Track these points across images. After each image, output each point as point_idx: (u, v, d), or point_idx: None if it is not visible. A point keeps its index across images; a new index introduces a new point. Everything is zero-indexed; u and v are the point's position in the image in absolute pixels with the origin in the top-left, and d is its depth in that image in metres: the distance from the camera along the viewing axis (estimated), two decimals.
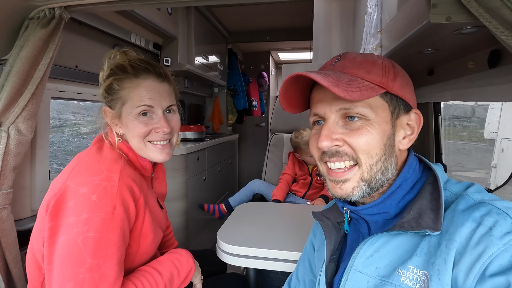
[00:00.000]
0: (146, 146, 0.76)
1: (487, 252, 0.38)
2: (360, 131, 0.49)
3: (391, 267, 0.47)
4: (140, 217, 0.72)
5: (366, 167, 0.49)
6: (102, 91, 0.76)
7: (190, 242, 2.07)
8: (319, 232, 0.68)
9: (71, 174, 0.66)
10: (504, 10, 0.60)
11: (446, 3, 0.65)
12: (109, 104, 0.76)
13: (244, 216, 1.19)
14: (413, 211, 0.47)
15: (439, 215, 0.44)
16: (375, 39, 1.15)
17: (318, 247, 0.66)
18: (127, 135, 0.76)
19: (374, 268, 0.48)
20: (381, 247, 0.49)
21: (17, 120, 0.87)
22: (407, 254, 0.46)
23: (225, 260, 0.94)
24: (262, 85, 4.09)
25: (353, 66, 0.52)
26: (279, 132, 1.93)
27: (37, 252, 0.70)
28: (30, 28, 0.85)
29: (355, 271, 0.50)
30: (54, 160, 1.96)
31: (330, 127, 0.51)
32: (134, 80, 0.74)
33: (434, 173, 0.50)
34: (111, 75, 0.75)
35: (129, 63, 0.75)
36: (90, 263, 0.60)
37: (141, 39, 1.80)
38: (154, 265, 0.75)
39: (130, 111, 0.74)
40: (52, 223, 0.62)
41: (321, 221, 0.61)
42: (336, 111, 0.50)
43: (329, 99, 0.51)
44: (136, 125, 0.74)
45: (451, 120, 6.20)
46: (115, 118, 0.75)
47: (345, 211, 0.57)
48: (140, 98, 0.73)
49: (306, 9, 2.50)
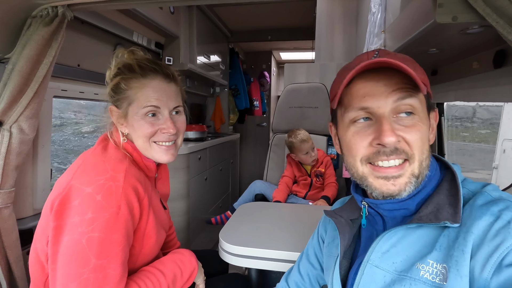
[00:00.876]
0: (151, 147, 0.76)
1: (504, 243, 0.39)
2: (415, 127, 0.48)
3: (408, 262, 0.47)
4: (144, 218, 0.72)
5: (418, 163, 0.49)
6: (109, 90, 0.75)
7: (191, 241, 2.07)
8: (330, 228, 0.68)
9: (76, 173, 0.66)
10: (511, 10, 0.59)
11: (453, 2, 0.64)
12: (115, 104, 0.75)
13: (246, 216, 1.19)
14: (430, 206, 0.48)
15: (458, 209, 0.45)
16: (378, 39, 1.14)
17: (328, 243, 0.66)
18: (133, 135, 0.76)
19: (391, 263, 0.48)
20: (398, 242, 0.49)
21: (20, 119, 0.87)
22: (425, 249, 0.46)
23: (228, 260, 0.93)
24: (264, 84, 4.08)
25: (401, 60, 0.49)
26: (281, 132, 1.92)
27: (41, 252, 0.69)
28: (33, 26, 0.84)
29: (371, 266, 0.50)
30: (55, 159, 1.96)
31: (389, 121, 0.48)
32: (142, 80, 0.73)
33: (452, 171, 0.52)
34: (118, 74, 0.74)
35: (136, 63, 0.74)
36: (94, 263, 0.60)
37: (143, 38, 1.80)
38: (157, 266, 0.75)
39: (137, 111, 0.73)
40: (57, 223, 0.62)
41: (335, 218, 0.61)
42: (392, 102, 0.48)
43: (381, 91, 0.49)
44: (142, 125, 0.73)
45: (452, 120, 6.20)
46: (121, 118, 0.75)
47: (363, 206, 0.57)
48: (147, 98, 0.73)
49: (308, 8, 2.49)
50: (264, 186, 1.80)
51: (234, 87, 3.57)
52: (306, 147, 1.63)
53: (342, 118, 0.54)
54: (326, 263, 0.65)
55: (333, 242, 0.65)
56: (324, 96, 1.81)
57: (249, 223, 1.11)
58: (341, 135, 0.56)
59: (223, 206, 2.84)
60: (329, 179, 1.70)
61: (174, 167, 1.86)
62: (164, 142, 0.77)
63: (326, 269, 0.65)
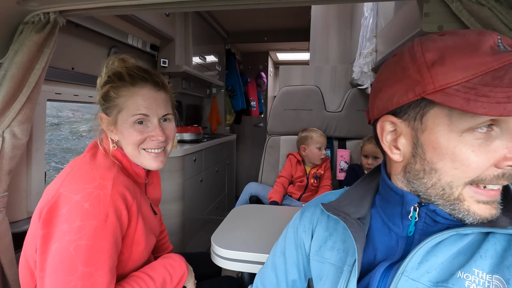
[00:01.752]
0: (140, 154, 0.77)
1: None
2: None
3: (445, 271, 0.41)
4: (133, 224, 0.72)
5: None
6: (99, 98, 0.77)
7: (187, 243, 2.08)
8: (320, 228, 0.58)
9: (65, 181, 0.67)
10: (494, 20, 0.61)
11: (438, 12, 0.66)
12: (105, 111, 0.77)
13: (239, 219, 1.19)
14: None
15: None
16: (370, 43, 1.16)
17: (320, 246, 0.57)
18: (122, 142, 0.77)
19: (425, 273, 0.42)
20: (437, 249, 0.43)
21: (12, 124, 0.87)
22: (463, 256, 0.41)
23: (220, 264, 0.94)
24: (261, 85, 4.09)
25: None
26: (276, 134, 1.93)
27: (30, 258, 0.70)
28: (25, 32, 0.85)
29: (407, 279, 0.43)
30: (53, 159, 1.96)
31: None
32: (131, 89, 0.74)
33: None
34: (108, 82, 0.75)
35: (126, 71, 0.75)
36: (82, 270, 0.61)
37: (138, 40, 1.80)
38: (146, 271, 0.76)
39: (126, 119, 0.74)
40: (45, 231, 0.63)
41: (343, 218, 0.51)
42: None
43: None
44: (131, 133, 0.74)
45: None
46: (110, 125, 0.76)
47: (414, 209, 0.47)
48: (137, 106, 0.74)
49: (304, 10, 2.50)
50: (259, 188, 1.81)
51: (230, 88, 3.58)
52: (323, 141, 1.68)
53: (452, 121, 0.40)
54: (318, 272, 0.57)
55: (325, 245, 0.56)
56: (318, 99, 1.82)
57: (242, 226, 1.12)
58: (441, 146, 0.41)
59: (219, 207, 2.85)
60: (325, 182, 1.71)
61: (168, 170, 1.86)
62: (153, 149, 0.78)
63: (319, 278, 0.56)
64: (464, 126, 0.39)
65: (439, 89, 0.38)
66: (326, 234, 0.57)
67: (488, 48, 0.38)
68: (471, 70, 0.37)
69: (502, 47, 0.38)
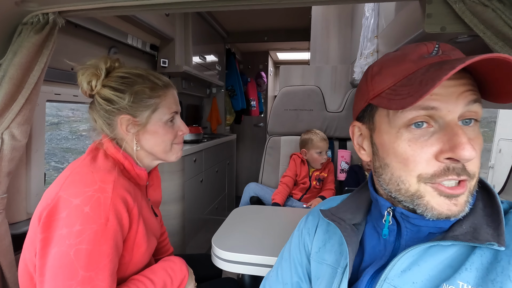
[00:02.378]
0: (172, 148, 0.83)
1: None
2: (479, 140, 0.42)
3: (432, 283, 0.42)
4: (134, 227, 0.72)
5: (475, 181, 0.43)
6: (128, 99, 0.74)
7: (187, 244, 2.08)
8: (321, 232, 0.62)
9: (64, 185, 0.66)
10: (498, 21, 0.60)
11: (441, 13, 0.65)
12: (132, 113, 0.76)
13: (240, 221, 1.19)
14: (465, 226, 0.43)
15: (500, 231, 0.41)
16: (371, 44, 1.15)
17: (319, 248, 0.60)
18: (151, 142, 0.78)
19: (411, 283, 0.43)
20: (421, 260, 0.44)
21: (11, 125, 0.87)
22: (450, 269, 0.42)
23: (220, 266, 0.94)
24: (261, 85, 4.08)
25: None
26: (276, 134, 1.93)
27: (29, 262, 0.69)
28: (24, 33, 0.84)
29: (389, 285, 0.44)
30: (53, 158, 1.95)
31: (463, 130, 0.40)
32: (163, 88, 0.79)
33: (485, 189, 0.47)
34: (133, 83, 0.76)
35: (147, 73, 0.79)
36: (82, 275, 0.60)
37: (137, 40, 1.79)
38: (147, 274, 0.75)
39: (161, 117, 0.78)
40: (44, 235, 0.62)
41: (337, 223, 0.54)
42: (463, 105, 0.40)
43: (451, 91, 0.40)
44: (167, 130, 0.79)
45: None
46: (138, 127, 0.76)
47: (388, 213, 0.49)
48: (170, 105, 0.80)
49: (304, 10, 2.50)
50: (258, 188, 1.80)
51: (230, 88, 3.57)
52: (323, 146, 1.65)
53: (390, 119, 0.45)
54: (316, 272, 0.60)
55: (325, 247, 0.59)
56: (319, 99, 1.82)
57: (242, 227, 1.12)
58: (385, 142, 0.46)
59: (219, 207, 2.85)
60: (328, 185, 1.70)
61: (168, 170, 1.86)
62: (179, 143, 0.85)
63: (316, 278, 0.59)
64: (399, 123, 0.43)
65: (376, 94, 0.46)
66: (326, 237, 0.60)
67: (416, 56, 0.44)
68: (397, 76, 0.44)
69: (435, 53, 0.43)
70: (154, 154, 0.81)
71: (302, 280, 0.65)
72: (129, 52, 1.82)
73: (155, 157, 0.82)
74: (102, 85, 0.76)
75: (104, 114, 0.76)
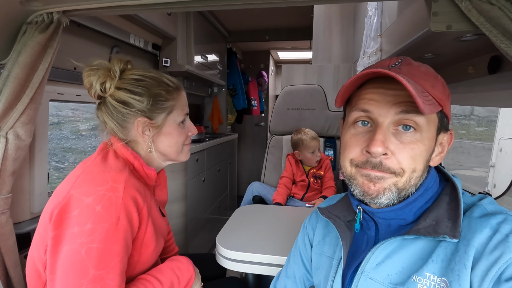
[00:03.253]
0: (183, 149, 0.85)
1: (503, 257, 0.39)
2: (411, 146, 0.47)
3: (404, 274, 0.46)
4: (143, 227, 0.72)
5: (405, 180, 0.48)
6: (147, 102, 0.74)
7: (189, 243, 2.08)
8: (320, 226, 0.67)
9: (76, 183, 0.66)
10: (505, 20, 0.60)
11: (447, 11, 0.65)
12: (148, 115, 0.76)
13: (243, 220, 1.19)
14: (429, 219, 0.48)
15: (457, 224, 0.45)
16: (375, 42, 1.15)
17: (319, 241, 0.66)
18: (164, 143, 0.79)
19: (386, 275, 0.48)
20: (393, 253, 0.49)
21: (16, 125, 0.87)
22: (421, 261, 0.46)
23: (225, 265, 0.94)
24: (262, 84, 4.08)
25: (420, 76, 0.49)
26: (278, 133, 1.93)
27: (38, 260, 0.69)
28: (28, 33, 0.84)
29: (365, 278, 0.50)
30: (53, 158, 1.95)
31: (385, 132, 0.48)
32: (176, 90, 0.81)
33: (452, 184, 0.52)
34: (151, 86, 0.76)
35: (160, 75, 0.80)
36: (93, 274, 0.61)
37: (140, 40, 1.79)
38: (154, 274, 0.75)
39: (175, 119, 0.80)
40: (56, 232, 0.62)
41: (333, 220, 0.59)
42: (394, 114, 0.48)
43: (387, 100, 0.48)
44: (180, 131, 0.81)
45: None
46: (154, 128, 0.76)
47: (359, 210, 0.56)
48: (183, 107, 0.82)
49: (306, 9, 2.49)
50: (262, 187, 1.81)
51: (232, 87, 3.57)
52: (315, 145, 1.64)
53: (347, 117, 0.55)
54: (317, 263, 0.64)
55: (324, 240, 0.64)
56: (321, 98, 1.82)
57: (246, 227, 1.12)
58: (343, 133, 0.56)
59: (221, 206, 2.85)
60: (328, 183, 1.70)
61: (171, 170, 1.86)
62: (189, 144, 0.87)
63: (316, 268, 0.64)
64: (350, 120, 0.53)
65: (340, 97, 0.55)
66: (325, 231, 0.66)
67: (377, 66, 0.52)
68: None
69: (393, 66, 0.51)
70: (167, 155, 0.81)
71: (308, 272, 0.69)
72: (131, 52, 1.82)
73: (167, 158, 0.83)
74: (116, 88, 0.74)
75: (118, 116, 0.75)
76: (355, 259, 0.54)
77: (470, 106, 2.03)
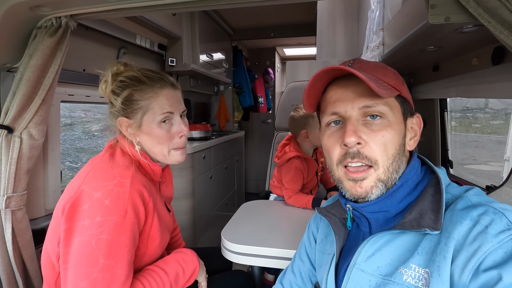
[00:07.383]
0: (170, 154, 0.82)
1: (482, 248, 0.40)
2: (382, 132, 0.51)
3: (393, 266, 0.48)
4: (149, 221, 0.76)
5: (384, 169, 0.51)
6: (119, 103, 0.77)
7: (198, 239, 2.12)
8: (323, 225, 0.70)
9: (86, 179, 0.70)
10: (503, 10, 0.59)
11: (445, 3, 0.65)
12: (126, 115, 0.78)
13: (249, 215, 1.21)
14: (414, 212, 0.49)
15: (439, 216, 0.46)
16: (377, 36, 1.14)
17: (321, 239, 0.68)
18: (148, 143, 0.80)
19: (376, 267, 0.50)
20: (383, 246, 0.50)
21: (29, 125, 0.91)
22: (408, 253, 0.48)
23: (230, 258, 0.96)
24: (268, 81, 4.08)
25: (370, 68, 0.54)
26: (283, 130, 1.93)
27: (51, 252, 0.74)
28: (38, 37, 0.88)
29: (357, 270, 0.52)
30: (67, 158, 2.01)
31: (354, 123, 0.51)
32: (154, 90, 0.78)
33: (437, 176, 0.53)
34: (127, 86, 0.78)
35: (142, 74, 0.79)
36: (103, 263, 0.64)
37: (146, 40, 1.82)
38: (160, 265, 0.79)
39: (153, 119, 0.78)
40: (68, 225, 0.67)
41: (328, 217, 0.63)
42: (358, 109, 0.51)
43: (349, 97, 0.52)
44: (160, 132, 0.79)
45: (463, 112, 6.05)
46: (134, 128, 0.78)
47: (348, 208, 0.59)
48: (162, 106, 0.78)
49: (310, 4, 2.48)
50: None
51: (238, 85, 3.58)
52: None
53: (322, 122, 0.58)
54: (319, 260, 0.67)
55: (326, 238, 0.67)
56: None
57: (251, 221, 1.14)
58: (321, 138, 0.58)
59: (229, 203, 2.88)
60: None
61: (179, 167, 1.90)
62: (181, 148, 0.84)
63: (319, 265, 0.67)
64: (323, 126, 0.57)
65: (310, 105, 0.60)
66: (327, 230, 0.68)
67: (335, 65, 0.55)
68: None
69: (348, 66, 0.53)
70: (156, 155, 0.81)
71: (314, 268, 0.72)
72: (138, 52, 1.86)
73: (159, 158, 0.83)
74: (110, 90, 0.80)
75: (111, 116, 0.81)
76: (352, 254, 0.55)
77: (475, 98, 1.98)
